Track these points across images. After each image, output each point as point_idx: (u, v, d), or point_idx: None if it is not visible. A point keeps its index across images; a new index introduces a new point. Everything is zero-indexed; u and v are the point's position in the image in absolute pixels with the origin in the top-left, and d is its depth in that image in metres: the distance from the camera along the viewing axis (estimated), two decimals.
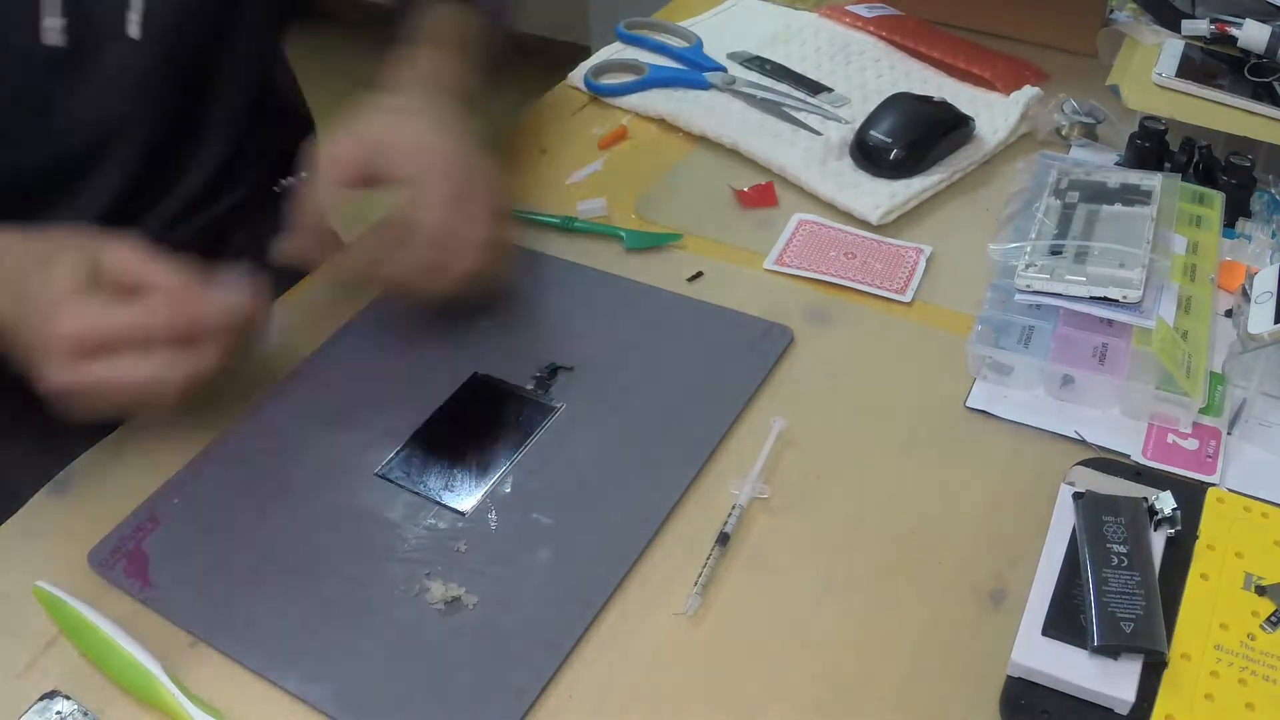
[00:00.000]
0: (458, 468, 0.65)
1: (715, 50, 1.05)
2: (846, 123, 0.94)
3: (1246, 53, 0.90)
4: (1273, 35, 0.88)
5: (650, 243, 0.83)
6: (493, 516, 0.62)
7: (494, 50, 0.88)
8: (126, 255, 0.61)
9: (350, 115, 0.72)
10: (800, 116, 0.95)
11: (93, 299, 0.60)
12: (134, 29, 0.73)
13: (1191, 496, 0.60)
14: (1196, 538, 0.58)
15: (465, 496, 0.63)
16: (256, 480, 0.64)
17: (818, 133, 0.93)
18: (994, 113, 0.94)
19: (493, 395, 0.70)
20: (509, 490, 0.64)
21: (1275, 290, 0.69)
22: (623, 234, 0.83)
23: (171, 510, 0.63)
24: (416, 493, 0.64)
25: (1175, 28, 0.95)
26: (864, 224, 0.84)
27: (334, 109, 0.76)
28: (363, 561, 0.60)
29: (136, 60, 0.76)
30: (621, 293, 0.78)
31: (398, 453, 0.66)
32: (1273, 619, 0.55)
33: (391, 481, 0.64)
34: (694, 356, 0.73)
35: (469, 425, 0.68)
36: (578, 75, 1.04)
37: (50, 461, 0.67)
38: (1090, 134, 0.92)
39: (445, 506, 0.63)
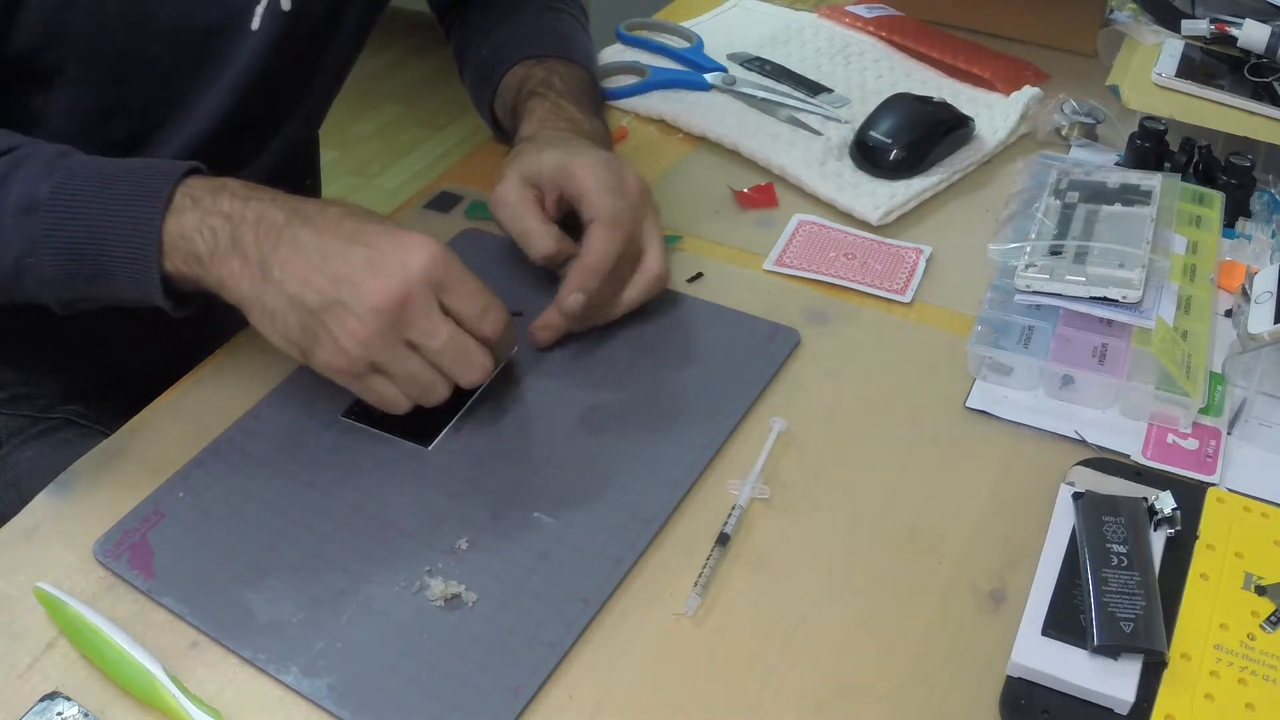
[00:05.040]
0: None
1: (715, 51, 1.05)
2: (846, 123, 0.94)
3: (1246, 53, 0.90)
4: (1273, 35, 0.88)
5: None
6: (495, 515, 0.62)
7: (597, 98, 0.91)
8: (445, 258, 0.61)
9: (510, 164, 0.75)
10: (800, 117, 0.95)
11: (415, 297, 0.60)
12: (255, 21, 0.76)
13: (1191, 496, 0.60)
14: (1196, 538, 0.58)
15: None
16: (260, 476, 0.65)
17: (818, 133, 0.93)
18: (994, 113, 0.94)
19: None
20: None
21: (1275, 290, 0.69)
22: None
23: (176, 504, 0.63)
24: (418, 484, 0.64)
25: (1175, 28, 0.95)
26: (864, 224, 0.84)
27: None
28: (364, 558, 0.60)
29: (254, 50, 0.78)
30: None
31: (400, 449, 0.66)
32: (1273, 619, 0.55)
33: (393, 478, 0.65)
34: (700, 357, 0.73)
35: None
36: None
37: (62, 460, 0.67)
38: (1090, 134, 0.92)
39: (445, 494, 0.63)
